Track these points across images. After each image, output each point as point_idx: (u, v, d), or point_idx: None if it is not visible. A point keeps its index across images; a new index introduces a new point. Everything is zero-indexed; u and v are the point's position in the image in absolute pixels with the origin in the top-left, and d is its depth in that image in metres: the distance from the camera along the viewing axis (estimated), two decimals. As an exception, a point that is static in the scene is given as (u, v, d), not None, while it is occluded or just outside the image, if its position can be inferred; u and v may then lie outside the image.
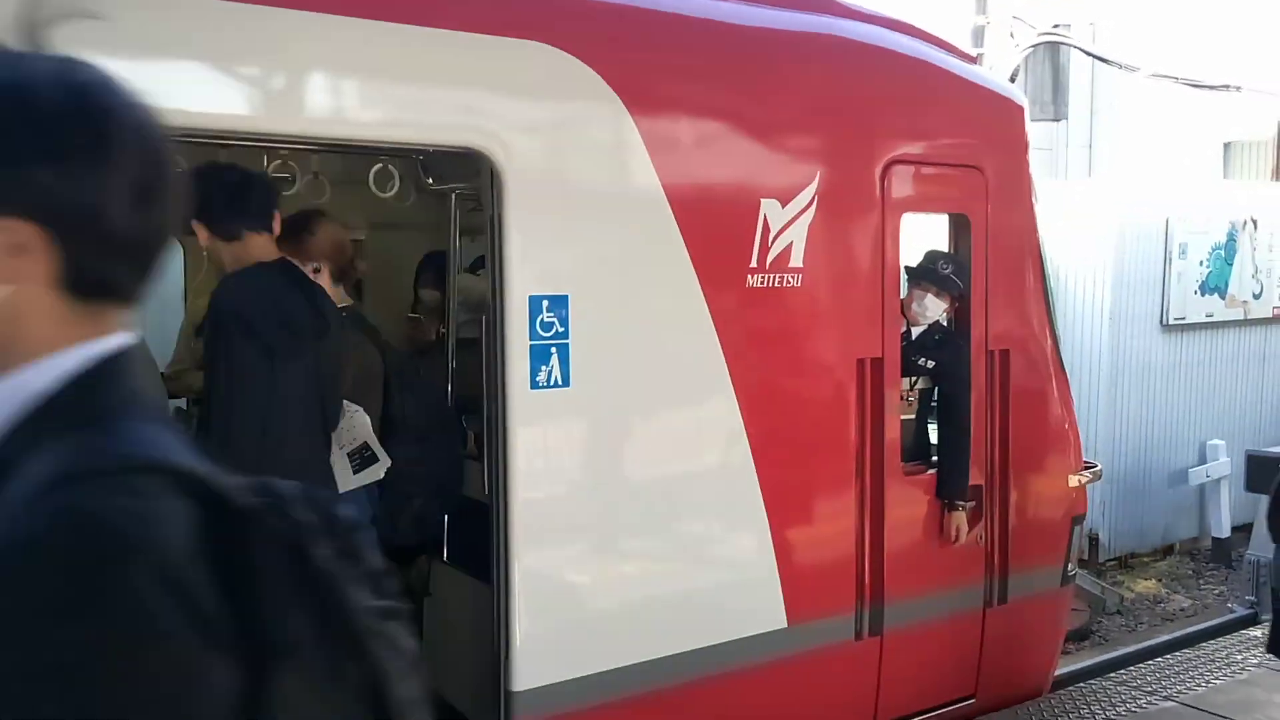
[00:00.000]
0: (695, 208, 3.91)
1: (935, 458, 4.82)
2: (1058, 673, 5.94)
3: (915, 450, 4.81)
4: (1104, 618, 8.76)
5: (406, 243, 5.54)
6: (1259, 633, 6.25)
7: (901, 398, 4.62)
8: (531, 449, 3.61)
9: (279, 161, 4.36)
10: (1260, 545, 8.26)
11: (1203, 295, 10.08)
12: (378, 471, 3.72)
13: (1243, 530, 9.41)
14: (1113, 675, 5.50)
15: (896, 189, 4.47)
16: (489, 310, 3.59)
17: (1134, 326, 9.62)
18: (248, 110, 3.19)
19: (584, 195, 3.71)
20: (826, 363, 4.38)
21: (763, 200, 4.08)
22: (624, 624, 3.83)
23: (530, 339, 3.54)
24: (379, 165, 4.20)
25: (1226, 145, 15.42)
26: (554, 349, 3.60)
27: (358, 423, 3.69)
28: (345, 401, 3.70)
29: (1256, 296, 10.57)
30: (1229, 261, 10.26)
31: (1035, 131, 11.40)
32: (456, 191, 4.22)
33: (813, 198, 4.20)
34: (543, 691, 3.67)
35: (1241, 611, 8.31)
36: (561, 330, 3.61)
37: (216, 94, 3.09)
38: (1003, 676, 5.05)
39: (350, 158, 4.61)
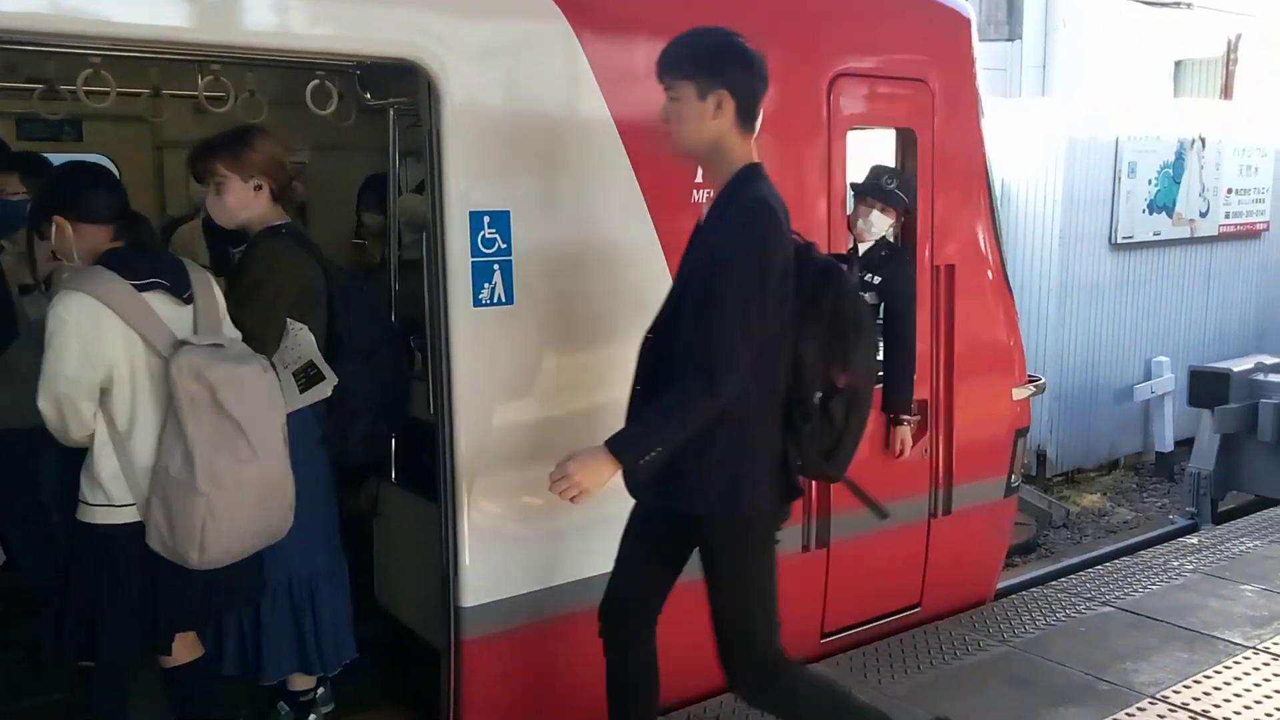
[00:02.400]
0: (640, 122, 3.86)
1: (881, 373, 4.87)
2: (1003, 583, 6.11)
3: (862, 366, 4.86)
4: (1050, 531, 9.00)
5: (349, 165, 5.45)
6: (1195, 540, 6.45)
7: (848, 314, 4.66)
8: (475, 367, 3.60)
9: (211, 78, 4.25)
10: (1201, 458, 8.50)
11: (1150, 214, 10.20)
12: (324, 390, 3.70)
13: (1185, 444, 9.66)
14: (1054, 584, 5.66)
15: (842, 103, 4.46)
16: (429, 227, 3.56)
17: (1083, 245, 9.74)
18: (176, 20, 3.09)
19: (526, 109, 3.65)
20: (773, 279, 4.38)
21: (708, 115, 4.05)
22: (572, 540, 3.87)
23: (472, 255, 3.52)
24: (316, 81, 4.10)
25: (1177, 64, 15.48)
26: (496, 266, 3.58)
27: (302, 341, 3.65)
28: (289, 320, 3.66)
29: (1203, 215, 10.72)
30: (1177, 180, 10.37)
31: (990, 51, 11.33)
32: (395, 106, 4.15)
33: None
34: (492, 607, 3.72)
35: (1182, 522, 8.58)
36: (504, 247, 3.59)
37: (143, 4, 2.99)
38: (947, 585, 5.18)
39: (287, 75, 4.50)
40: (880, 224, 4.76)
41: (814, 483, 4.50)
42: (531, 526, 3.79)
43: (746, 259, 2.89)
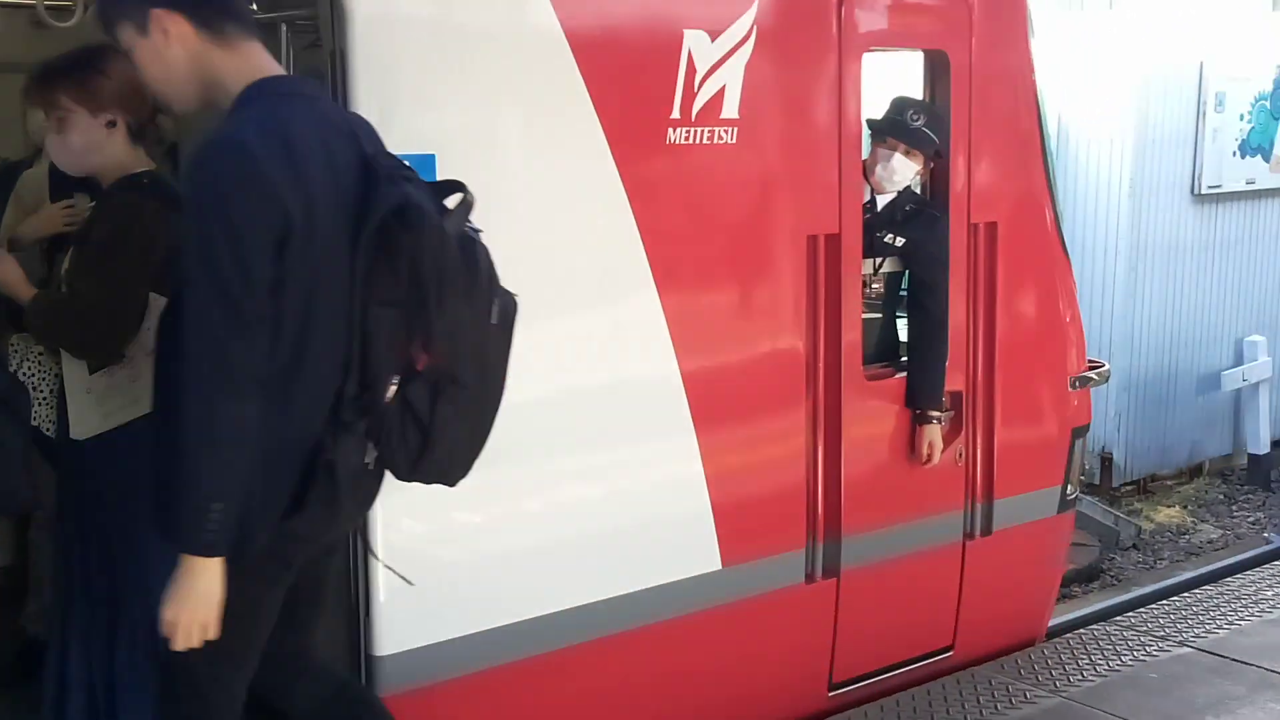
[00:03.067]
0: (599, 41, 3.86)
1: (905, 358, 4.88)
2: (1056, 620, 6.14)
3: (880, 349, 4.87)
4: (1117, 554, 9.04)
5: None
6: (1294, 565, 6.51)
7: (864, 284, 4.66)
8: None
9: (56, -18, 4.20)
10: (1304, 462, 8.57)
11: (1243, 157, 10.24)
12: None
13: (1285, 445, 9.74)
14: (1119, 619, 5.69)
15: (856, 18, 4.45)
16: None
17: (1159, 197, 9.76)
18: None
19: (454, 24, 3.63)
20: (769, 241, 4.39)
21: (686, 32, 4.04)
22: (518, 572, 3.86)
23: (386, 210, 3.48)
24: (188, -13, 4.05)
25: (1279, -29, 15.55)
26: (417, 222, 3.54)
27: (164, 317, 3.61)
28: (151, 295, 3.61)
29: (1309, 159, 10.77)
30: (1276, 116, 10.41)
31: (1043, -46, 11.28)
32: (288, 21, 4.10)
33: (750, 29, 4.17)
34: (415, 655, 3.69)
35: (1279, 542, 8.64)
36: (427, 199, 3.55)
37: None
38: (986, 623, 5.21)
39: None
40: (904, 171, 4.76)
41: (819, 496, 4.52)
42: (467, 549, 3.78)
43: (204, 221, 2.66)
